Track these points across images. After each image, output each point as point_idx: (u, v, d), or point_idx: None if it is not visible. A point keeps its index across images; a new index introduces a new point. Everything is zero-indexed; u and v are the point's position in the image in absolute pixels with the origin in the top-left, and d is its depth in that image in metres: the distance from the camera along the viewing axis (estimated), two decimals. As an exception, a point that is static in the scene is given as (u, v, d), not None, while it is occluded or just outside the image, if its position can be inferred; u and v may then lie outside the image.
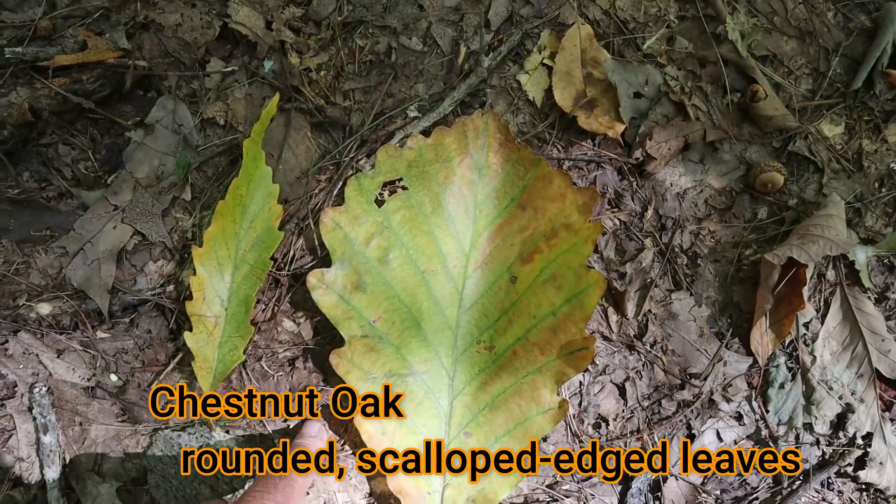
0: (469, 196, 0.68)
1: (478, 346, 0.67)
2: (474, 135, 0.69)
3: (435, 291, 0.67)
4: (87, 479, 0.71)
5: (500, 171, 0.68)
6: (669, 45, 0.80)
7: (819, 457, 0.79)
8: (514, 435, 0.66)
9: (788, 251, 0.73)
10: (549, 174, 0.67)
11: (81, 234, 0.73)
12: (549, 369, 0.65)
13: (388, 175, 0.67)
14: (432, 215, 0.68)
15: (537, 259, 0.66)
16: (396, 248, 0.67)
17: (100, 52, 0.70)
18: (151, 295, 0.74)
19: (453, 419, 0.66)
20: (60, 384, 0.72)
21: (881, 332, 0.78)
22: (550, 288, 0.66)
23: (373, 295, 0.66)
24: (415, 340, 0.66)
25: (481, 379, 0.66)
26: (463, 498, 0.65)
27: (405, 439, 0.65)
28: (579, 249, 0.66)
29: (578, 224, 0.66)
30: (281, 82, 0.75)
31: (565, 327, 0.65)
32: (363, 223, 0.66)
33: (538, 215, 0.67)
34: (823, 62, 0.82)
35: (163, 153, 0.75)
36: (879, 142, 0.81)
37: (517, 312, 0.66)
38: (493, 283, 0.67)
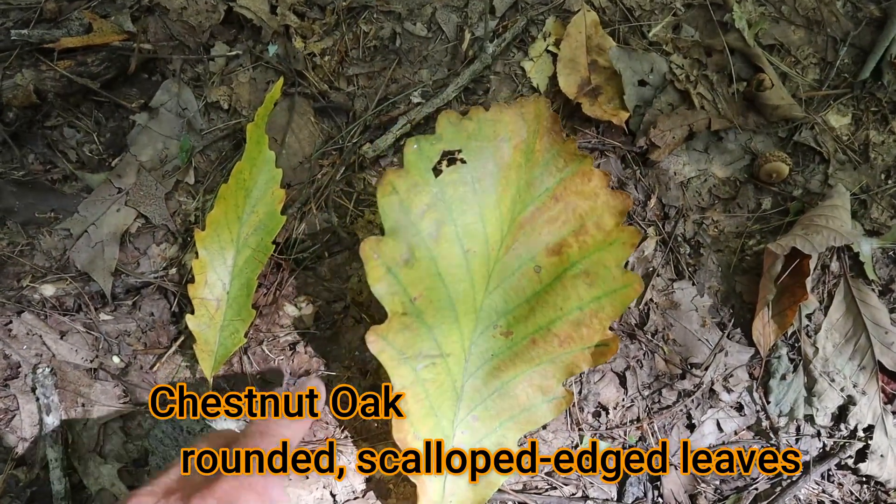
0: (515, 180, 0.67)
1: (494, 331, 0.67)
2: (531, 116, 0.67)
3: (472, 272, 0.67)
4: (89, 460, 0.73)
5: (540, 159, 0.67)
6: (675, 32, 0.81)
7: (820, 449, 0.79)
8: (517, 420, 0.67)
9: (792, 241, 0.73)
10: (589, 172, 0.67)
11: (85, 217, 0.74)
12: (563, 360, 0.66)
13: (448, 144, 0.65)
14: (484, 194, 0.67)
15: (565, 252, 0.66)
16: (447, 223, 0.65)
17: (105, 35, 0.71)
18: (154, 278, 0.75)
19: (463, 402, 0.67)
20: (63, 365, 0.73)
21: (885, 325, 0.78)
22: (581, 283, 0.66)
23: (418, 271, 0.64)
24: (447, 322, 0.66)
25: (494, 363, 0.67)
26: (465, 480, 0.67)
27: (423, 421, 0.66)
28: (616, 251, 0.65)
29: (609, 226, 0.66)
30: (285, 67, 0.76)
31: (590, 323, 0.65)
32: (420, 192, 0.64)
33: (569, 209, 0.67)
34: (831, 52, 0.82)
35: (167, 136, 0.76)
36: (887, 133, 0.81)
37: (540, 302, 0.66)
38: (517, 269, 0.67)
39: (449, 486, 0.66)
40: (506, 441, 0.67)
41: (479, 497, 0.67)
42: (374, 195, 0.76)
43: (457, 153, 0.66)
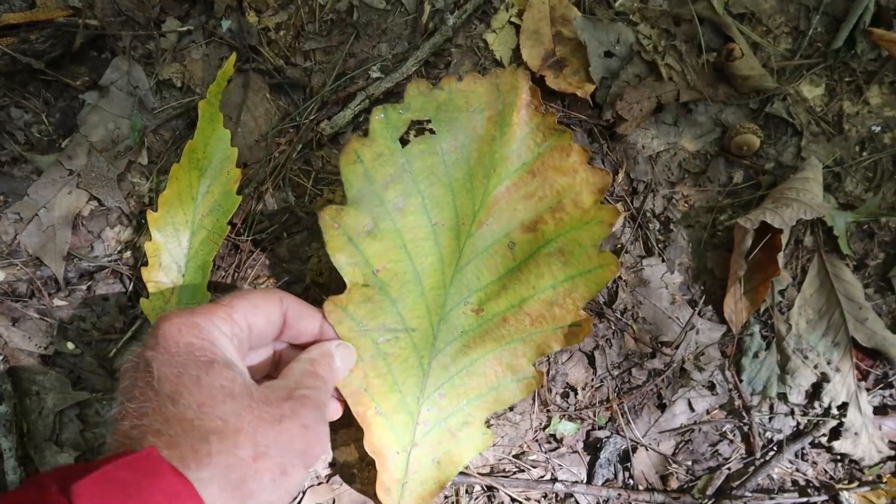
0: (489, 153, 0.65)
1: (464, 308, 0.66)
2: (506, 89, 0.65)
3: (441, 246, 0.65)
4: (45, 449, 0.72)
5: (518, 133, 0.65)
6: (643, 2, 0.79)
7: (793, 427, 0.79)
8: (485, 399, 0.66)
9: (762, 215, 0.72)
10: (568, 147, 0.65)
11: (36, 200, 0.73)
12: (534, 340, 0.65)
13: (417, 113, 0.64)
14: (454, 167, 0.65)
15: (540, 229, 0.65)
16: (413, 195, 0.64)
17: (49, 11, 0.70)
18: (108, 261, 0.73)
19: (430, 379, 0.66)
20: (16, 353, 0.72)
21: (859, 300, 0.77)
22: (556, 262, 0.65)
23: (382, 242, 0.63)
24: (412, 296, 0.65)
25: (463, 341, 0.66)
26: (429, 458, 0.66)
27: (386, 397, 0.65)
28: (593, 229, 0.64)
29: (587, 203, 0.64)
30: (239, 42, 0.74)
31: (563, 302, 0.64)
32: (385, 162, 0.63)
33: (546, 185, 0.65)
34: (804, 20, 0.80)
35: (118, 116, 0.74)
36: (861, 104, 0.80)
37: (513, 280, 0.65)
38: (490, 245, 0.66)
39: (413, 464, 0.66)
40: (472, 420, 0.66)
41: (442, 476, 0.66)
42: (333, 173, 0.75)
43: (425, 123, 0.65)
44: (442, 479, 0.66)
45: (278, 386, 0.51)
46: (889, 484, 0.77)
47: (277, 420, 0.47)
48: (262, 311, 0.55)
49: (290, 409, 0.48)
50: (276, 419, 0.47)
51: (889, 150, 0.79)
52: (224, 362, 0.48)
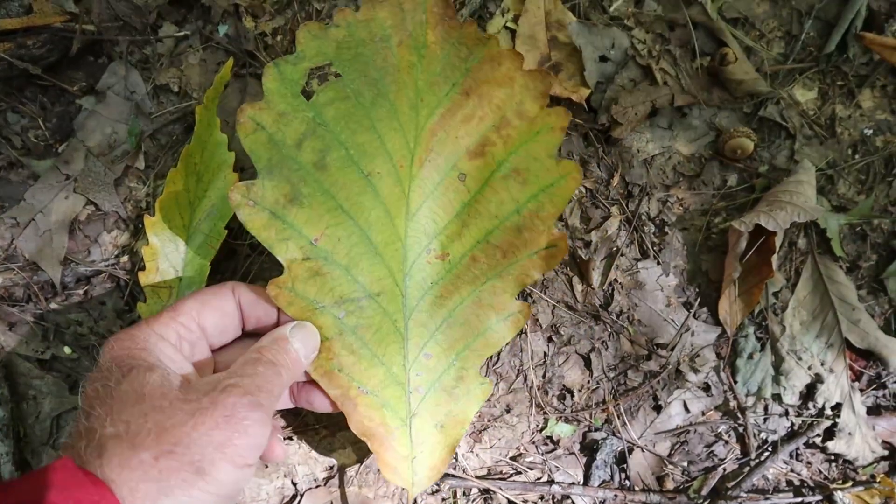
0: (410, 83, 0.59)
1: (428, 256, 0.61)
2: (411, 7, 0.59)
3: (382, 197, 0.59)
4: (42, 453, 0.72)
5: (439, 53, 0.59)
6: (637, 7, 0.80)
7: (788, 428, 0.79)
8: (473, 348, 0.62)
9: (756, 218, 0.73)
10: (498, 55, 0.59)
11: (32, 205, 0.73)
12: (511, 273, 0.61)
13: (314, 60, 0.57)
14: (372, 107, 0.59)
15: (489, 152, 0.60)
16: (334, 148, 0.58)
17: (46, 16, 0.70)
18: (105, 266, 0.74)
19: (410, 342, 0.61)
20: (14, 357, 0.72)
21: (852, 302, 0.78)
22: (513, 183, 0.60)
23: (311, 208, 0.57)
24: (365, 258, 0.59)
25: (435, 292, 0.61)
26: (431, 425, 0.62)
27: (367, 373, 0.60)
28: (545, 139, 0.59)
29: (532, 112, 0.59)
30: (236, 47, 0.75)
31: (532, 225, 0.60)
32: (291, 121, 0.56)
33: (484, 103, 0.60)
34: (796, 25, 0.81)
35: (115, 121, 0.74)
36: (853, 107, 0.81)
37: (473, 213, 0.61)
38: (438, 182, 0.60)
39: (416, 436, 0.62)
40: (466, 373, 0.62)
41: (450, 439, 0.63)
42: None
43: (327, 68, 0.58)
44: (451, 443, 0.63)
45: (206, 381, 0.48)
46: (883, 483, 0.78)
47: (190, 415, 0.44)
48: (212, 307, 0.54)
49: (210, 401, 0.45)
50: (189, 414, 0.44)
51: (881, 152, 0.80)
52: (146, 367, 0.47)
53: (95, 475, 0.41)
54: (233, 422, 0.45)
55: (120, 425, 0.43)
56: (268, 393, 0.48)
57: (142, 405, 0.44)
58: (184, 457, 0.42)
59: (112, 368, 0.47)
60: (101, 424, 0.43)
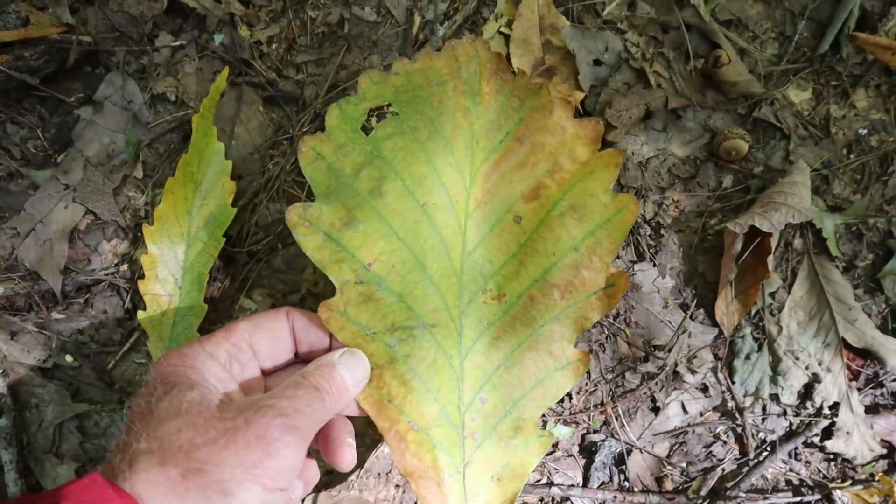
0: (465, 125, 0.61)
1: (484, 297, 0.60)
2: (466, 60, 0.62)
3: (438, 228, 0.60)
4: (45, 461, 0.73)
5: (493, 103, 0.62)
6: (630, 10, 0.80)
7: (786, 427, 0.80)
8: (531, 397, 0.60)
9: (750, 219, 0.73)
10: (549, 104, 0.61)
11: (32, 215, 0.74)
12: (569, 315, 0.60)
13: (373, 101, 0.60)
14: (429, 141, 0.60)
15: (544, 195, 0.60)
16: (391, 178, 0.59)
17: (43, 28, 0.71)
18: (105, 274, 0.74)
19: (466, 382, 0.59)
20: (16, 366, 0.73)
21: (848, 301, 0.79)
22: (570, 220, 0.60)
23: (366, 233, 0.58)
24: (420, 286, 0.58)
25: (492, 333, 0.60)
26: (487, 476, 0.59)
27: (419, 409, 0.57)
28: (599, 177, 0.60)
29: (584, 156, 0.61)
30: (231, 56, 0.75)
31: (590, 263, 0.59)
32: (349, 153, 0.59)
33: (537, 150, 0.61)
34: (789, 26, 0.81)
35: (113, 130, 0.75)
36: (847, 107, 0.81)
37: (529, 253, 0.60)
38: (494, 223, 0.61)
39: (470, 486, 0.59)
40: (524, 423, 0.59)
41: (507, 494, 0.60)
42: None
43: (386, 108, 0.60)
44: (508, 498, 0.59)
45: (245, 401, 0.48)
46: (882, 482, 0.79)
47: (223, 434, 0.43)
48: (264, 329, 0.54)
49: (244, 421, 0.44)
50: (221, 433, 0.43)
51: (876, 152, 0.81)
52: (189, 384, 0.47)
53: (124, 490, 0.41)
54: (264, 442, 0.44)
55: (154, 441, 0.43)
56: (305, 417, 0.47)
57: (177, 421, 0.44)
58: (211, 475, 0.41)
59: (157, 385, 0.47)
60: (137, 439, 0.43)
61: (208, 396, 0.47)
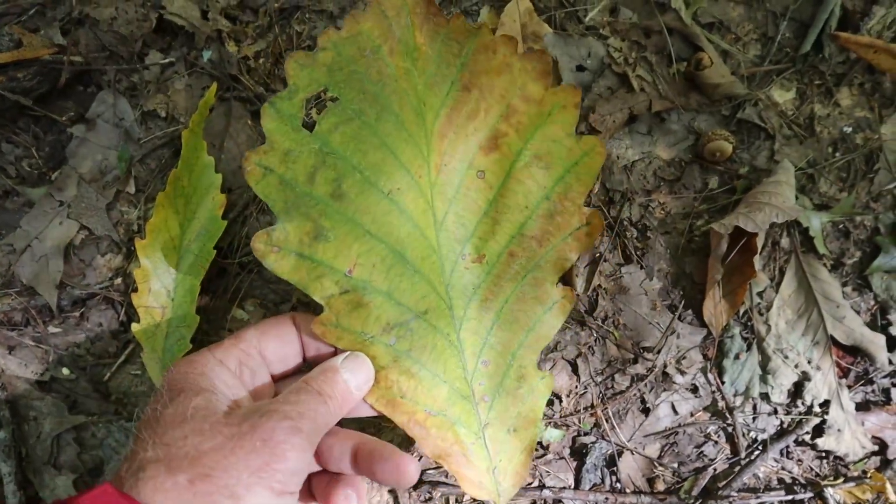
0: (410, 89, 0.57)
1: (464, 262, 0.59)
2: (395, 13, 0.57)
3: (409, 213, 0.58)
4: (44, 473, 0.74)
5: (431, 53, 0.58)
6: (613, 16, 0.81)
7: (777, 426, 0.80)
8: (527, 344, 0.61)
9: (734, 220, 0.74)
10: (491, 43, 0.58)
11: (28, 231, 0.76)
12: (549, 260, 0.60)
13: (308, 90, 0.55)
14: (378, 122, 0.57)
15: (504, 144, 0.58)
16: (348, 174, 0.56)
17: (35, 50, 0.73)
18: (100, 288, 0.76)
19: (466, 352, 0.59)
20: (13, 380, 0.75)
21: (836, 299, 0.79)
22: (536, 170, 0.59)
23: (338, 240, 0.56)
24: (404, 278, 0.57)
25: (479, 296, 0.60)
26: (504, 431, 0.61)
27: (431, 394, 0.58)
28: (559, 118, 0.58)
29: (537, 94, 0.58)
30: (220, 72, 0.77)
31: (563, 208, 0.59)
32: (298, 157, 0.55)
33: (486, 94, 0.58)
34: (772, 27, 0.82)
35: (105, 147, 0.77)
36: (831, 106, 0.82)
37: (502, 209, 0.59)
38: (458, 184, 0.59)
39: (492, 446, 0.60)
40: (526, 370, 0.61)
41: (526, 441, 0.62)
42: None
43: (324, 95, 0.56)
44: (527, 446, 0.62)
45: (250, 406, 0.48)
46: (874, 479, 0.79)
47: (229, 438, 0.44)
48: (271, 335, 0.55)
49: (249, 426, 0.45)
50: (227, 438, 0.44)
51: (861, 149, 0.81)
52: (195, 390, 0.47)
53: (134, 498, 0.41)
54: (270, 445, 0.44)
55: (161, 449, 0.43)
56: (310, 420, 0.48)
57: (183, 428, 0.44)
58: (219, 481, 0.42)
59: (164, 393, 0.48)
60: (144, 448, 0.44)
61: (214, 402, 0.47)
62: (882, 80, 0.82)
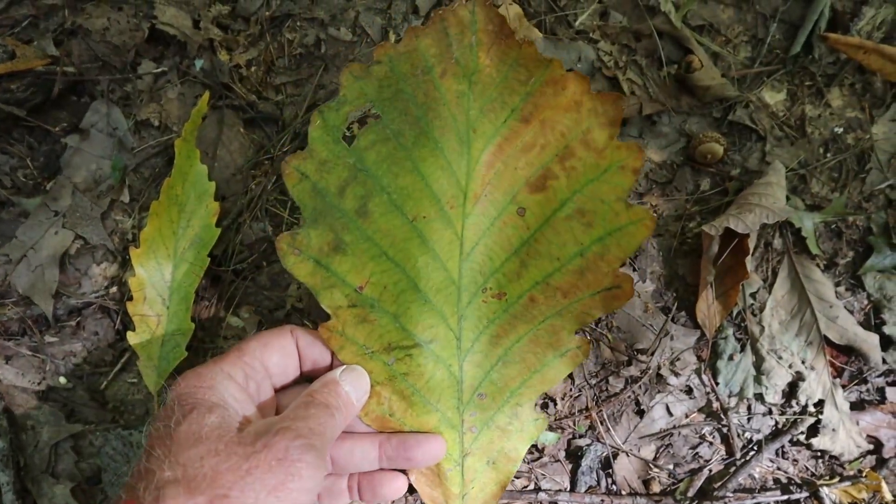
0: (460, 116, 0.56)
1: (484, 295, 0.58)
2: (458, 31, 0.55)
3: (431, 243, 0.57)
4: (42, 481, 0.75)
5: (495, 76, 0.56)
6: (603, 20, 0.82)
7: (772, 426, 0.81)
8: (529, 385, 0.60)
9: (725, 222, 0.75)
10: (562, 78, 0.55)
11: (24, 241, 0.76)
12: (571, 311, 0.58)
13: (356, 103, 0.55)
14: (415, 147, 0.56)
15: (552, 186, 0.57)
16: (376, 194, 0.56)
17: (28, 61, 0.74)
18: (96, 297, 0.77)
19: (465, 384, 0.59)
20: (11, 389, 0.76)
21: (829, 299, 0.80)
22: (577, 225, 0.57)
23: (354, 256, 0.56)
24: (414, 305, 0.57)
25: (491, 331, 0.59)
26: (483, 462, 0.61)
27: (420, 419, 0.58)
28: (614, 180, 0.56)
29: (600, 142, 0.55)
30: (212, 80, 0.78)
31: (596, 268, 0.57)
32: (333, 168, 0.55)
33: (546, 129, 0.56)
34: (762, 28, 0.83)
35: (99, 157, 0.78)
36: (822, 106, 0.82)
37: (532, 254, 0.58)
38: (496, 217, 0.57)
39: (468, 473, 0.60)
40: (520, 409, 0.60)
41: (501, 475, 0.61)
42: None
43: (369, 110, 0.56)
44: (502, 480, 0.61)
45: (261, 424, 0.49)
46: (869, 478, 0.79)
47: (245, 458, 0.44)
48: (273, 347, 0.56)
49: (263, 445, 0.45)
50: (243, 458, 0.44)
51: (853, 150, 0.82)
52: (207, 407, 0.48)
53: None
54: (285, 464, 0.45)
55: (178, 469, 0.44)
56: (320, 435, 0.49)
57: (199, 448, 0.45)
58: (237, 500, 0.42)
59: (174, 407, 0.48)
60: (160, 467, 0.44)
61: (227, 420, 0.48)
62: (873, 81, 0.82)
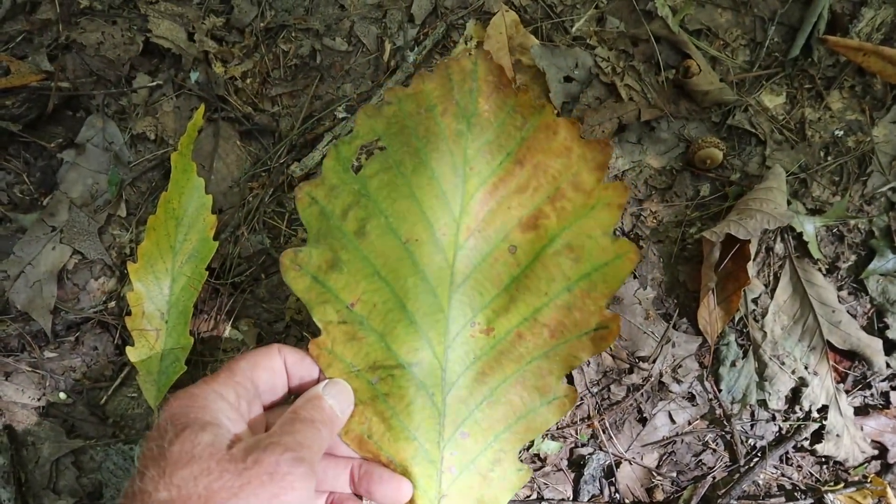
0: (457, 151, 0.60)
1: (472, 330, 0.60)
2: (460, 78, 0.60)
3: (422, 266, 0.59)
4: (43, 497, 0.75)
5: (492, 121, 0.60)
6: (599, 25, 0.82)
7: (775, 432, 0.81)
8: (514, 431, 0.60)
9: (726, 227, 0.75)
10: (554, 124, 0.60)
11: (21, 257, 0.77)
12: (558, 353, 0.59)
13: (365, 137, 0.60)
14: (413, 175, 0.60)
15: (542, 225, 0.60)
16: (374, 216, 0.59)
17: (23, 77, 0.74)
18: (94, 312, 0.77)
19: (447, 418, 0.59)
20: (11, 405, 0.76)
21: (831, 304, 0.80)
22: (565, 260, 0.59)
23: (349, 274, 0.59)
24: (400, 326, 0.59)
25: (477, 368, 0.60)
26: None
27: (396, 446, 0.59)
28: (600, 216, 0.59)
29: (589, 184, 0.59)
30: (207, 93, 0.78)
31: (582, 305, 0.59)
32: (339, 194, 0.59)
33: (539, 173, 0.59)
34: (760, 32, 0.83)
35: (95, 171, 0.78)
36: (822, 109, 0.82)
37: (521, 288, 0.60)
38: (487, 254, 0.60)
39: None
40: (504, 456, 0.60)
41: None
42: (305, 214, 0.78)
43: (376, 143, 0.60)
44: None
45: (250, 441, 0.49)
46: (874, 483, 0.79)
47: (237, 475, 0.45)
48: (262, 365, 0.56)
49: (254, 461, 0.46)
50: (235, 475, 0.45)
51: (853, 153, 0.82)
52: (201, 425, 0.48)
53: None
54: (276, 478, 0.46)
55: (172, 489, 0.44)
56: (308, 448, 0.49)
57: (192, 467, 0.45)
58: None
59: (167, 427, 0.48)
60: (155, 487, 0.44)
61: (219, 438, 0.48)
62: (872, 83, 0.82)
